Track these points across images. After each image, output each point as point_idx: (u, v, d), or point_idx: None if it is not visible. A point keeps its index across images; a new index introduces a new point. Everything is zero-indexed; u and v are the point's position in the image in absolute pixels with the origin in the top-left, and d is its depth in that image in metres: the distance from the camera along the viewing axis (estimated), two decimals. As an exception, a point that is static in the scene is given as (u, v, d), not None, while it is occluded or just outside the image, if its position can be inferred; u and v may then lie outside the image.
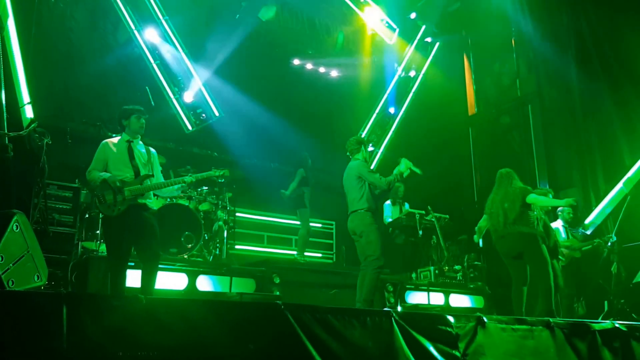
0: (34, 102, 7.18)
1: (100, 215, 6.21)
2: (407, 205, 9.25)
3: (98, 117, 7.52)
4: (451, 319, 4.39)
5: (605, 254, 8.80)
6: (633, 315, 7.83)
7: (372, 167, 6.55)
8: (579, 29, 10.69)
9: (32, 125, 5.82)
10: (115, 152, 5.05)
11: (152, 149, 5.33)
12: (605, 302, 8.45)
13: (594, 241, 8.44)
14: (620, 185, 9.69)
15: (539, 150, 11.51)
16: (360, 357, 3.74)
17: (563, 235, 8.23)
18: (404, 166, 5.87)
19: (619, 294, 8.46)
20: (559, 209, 8.43)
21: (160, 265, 5.83)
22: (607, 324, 5.40)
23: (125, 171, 4.99)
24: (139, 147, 5.22)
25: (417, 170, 5.95)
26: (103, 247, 6.16)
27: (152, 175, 5.10)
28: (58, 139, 6.34)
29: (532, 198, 6.20)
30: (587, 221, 9.91)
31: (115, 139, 5.22)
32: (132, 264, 5.24)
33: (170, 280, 6.06)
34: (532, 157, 11.62)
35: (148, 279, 4.89)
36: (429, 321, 4.33)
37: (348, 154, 6.16)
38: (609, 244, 8.42)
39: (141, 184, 4.98)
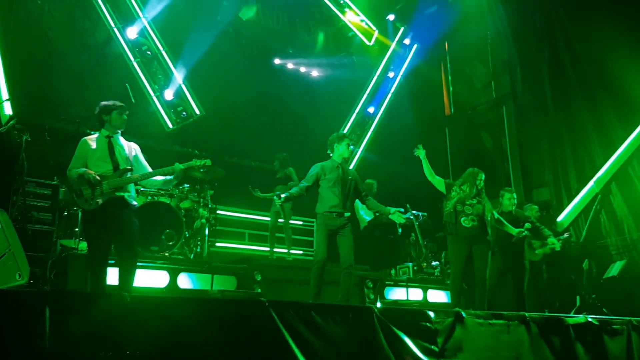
0: (12, 99, 7.10)
1: (80, 212, 6.13)
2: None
3: (77, 114, 7.45)
4: (431, 314, 4.47)
5: (577, 251, 9.03)
6: (604, 309, 8.04)
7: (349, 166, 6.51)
8: (552, 32, 10.94)
9: (11, 122, 5.76)
10: (95, 148, 4.96)
11: (133, 144, 5.23)
12: (577, 297, 8.66)
13: (561, 237, 8.61)
14: (591, 184, 9.92)
15: (512, 149, 11.76)
16: (342, 353, 3.80)
17: None
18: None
19: (590, 289, 8.68)
20: (525, 206, 8.59)
21: (141, 263, 5.77)
22: (580, 318, 5.54)
23: (103, 166, 4.90)
24: (120, 141, 5.12)
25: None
26: (82, 245, 6.12)
27: (131, 169, 5.00)
28: (36, 136, 6.27)
29: None
30: (559, 219, 10.14)
31: (95, 135, 5.13)
32: (113, 261, 5.19)
33: (151, 278, 6.01)
34: (506, 156, 11.87)
35: (126, 276, 4.80)
36: (409, 317, 4.40)
37: (328, 151, 6.08)
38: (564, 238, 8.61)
39: (120, 177, 4.89)
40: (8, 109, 7.06)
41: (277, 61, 11.54)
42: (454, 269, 6.41)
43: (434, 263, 8.94)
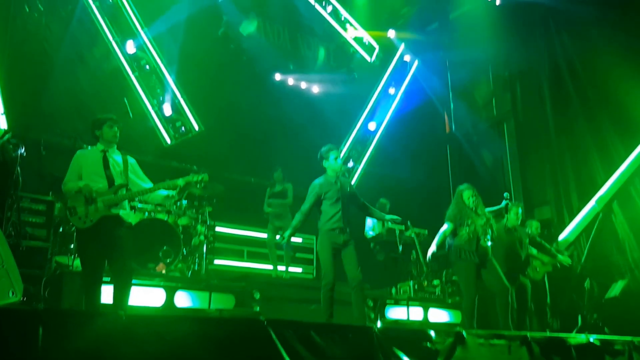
0: (8, 113, 7.06)
1: (73, 229, 6.05)
2: (389, 223, 9.27)
3: (73, 129, 7.37)
4: (432, 333, 4.40)
5: (579, 270, 8.96)
6: (606, 329, 7.95)
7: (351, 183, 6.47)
8: (553, 50, 10.99)
9: (6, 136, 5.69)
10: (89, 162, 4.91)
11: (130, 158, 5.15)
12: (579, 317, 8.58)
13: (563, 253, 8.57)
14: (592, 202, 9.87)
15: (513, 167, 11.73)
16: (341, 374, 3.73)
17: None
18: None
19: (592, 309, 8.60)
20: (526, 222, 8.56)
21: (137, 281, 5.70)
22: (582, 338, 5.47)
23: (98, 181, 4.83)
24: (115, 156, 5.05)
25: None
26: (77, 262, 6.00)
27: (126, 185, 4.94)
28: (32, 151, 6.21)
29: None
30: (560, 238, 10.06)
31: (90, 149, 5.11)
32: (108, 279, 5.09)
33: (147, 296, 5.91)
34: (507, 174, 11.83)
35: (120, 294, 4.71)
36: (409, 337, 4.34)
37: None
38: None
39: (115, 194, 4.82)
40: (3, 123, 7.02)
41: (277, 77, 11.56)
42: (468, 293, 6.27)
43: (434, 282, 8.85)
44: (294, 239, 8.52)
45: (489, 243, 6.25)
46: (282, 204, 8.59)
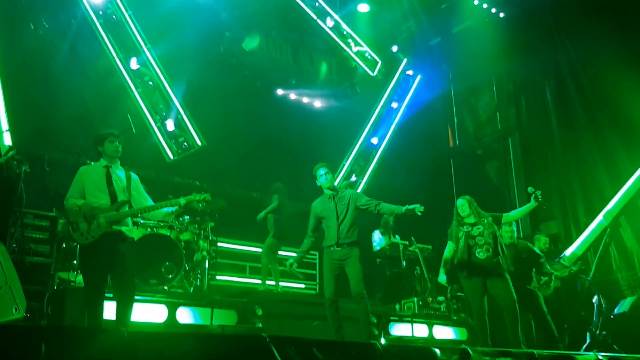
0: (12, 129, 7.08)
1: (74, 244, 6.04)
2: (397, 238, 9.22)
3: (77, 145, 7.39)
4: (437, 351, 4.35)
5: (587, 285, 8.85)
6: (615, 346, 7.83)
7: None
8: (558, 63, 10.99)
9: (11, 153, 5.70)
10: (92, 178, 4.94)
11: (133, 174, 5.18)
12: (587, 334, 8.46)
13: (571, 268, 8.48)
14: (600, 217, 9.79)
15: (519, 181, 11.67)
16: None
17: None
18: None
19: (600, 326, 8.48)
20: (535, 236, 8.49)
21: (139, 297, 5.66)
22: (590, 355, 5.43)
23: (101, 197, 4.86)
24: (118, 172, 5.08)
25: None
26: (80, 278, 5.99)
27: (128, 201, 4.96)
28: (35, 167, 6.23)
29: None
30: (567, 253, 9.97)
31: (94, 165, 5.14)
32: (110, 295, 5.07)
33: (149, 312, 5.88)
34: (512, 188, 11.76)
35: (123, 310, 4.73)
36: (414, 354, 4.30)
37: None
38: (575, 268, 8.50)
39: (117, 211, 4.84)
40: (8, 140, 7.04)
41: (279, 92, 11.61)
42: (476, 309, 6.23)
43: (439, 298, 8.74)
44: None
45: (486, 254, 6.15)
46: (271, 216, 8.64)
